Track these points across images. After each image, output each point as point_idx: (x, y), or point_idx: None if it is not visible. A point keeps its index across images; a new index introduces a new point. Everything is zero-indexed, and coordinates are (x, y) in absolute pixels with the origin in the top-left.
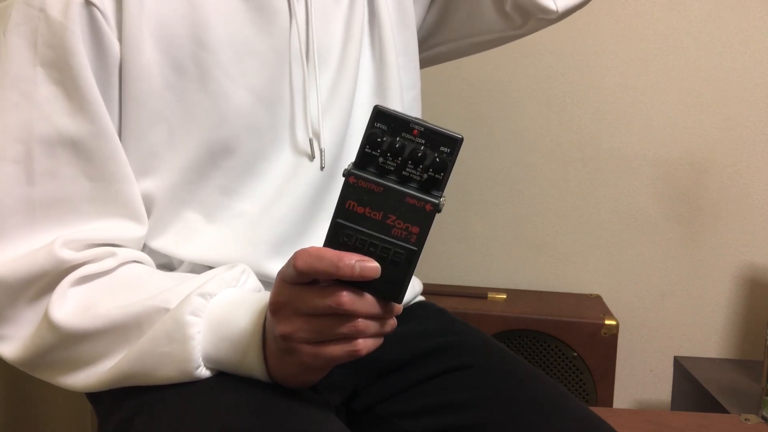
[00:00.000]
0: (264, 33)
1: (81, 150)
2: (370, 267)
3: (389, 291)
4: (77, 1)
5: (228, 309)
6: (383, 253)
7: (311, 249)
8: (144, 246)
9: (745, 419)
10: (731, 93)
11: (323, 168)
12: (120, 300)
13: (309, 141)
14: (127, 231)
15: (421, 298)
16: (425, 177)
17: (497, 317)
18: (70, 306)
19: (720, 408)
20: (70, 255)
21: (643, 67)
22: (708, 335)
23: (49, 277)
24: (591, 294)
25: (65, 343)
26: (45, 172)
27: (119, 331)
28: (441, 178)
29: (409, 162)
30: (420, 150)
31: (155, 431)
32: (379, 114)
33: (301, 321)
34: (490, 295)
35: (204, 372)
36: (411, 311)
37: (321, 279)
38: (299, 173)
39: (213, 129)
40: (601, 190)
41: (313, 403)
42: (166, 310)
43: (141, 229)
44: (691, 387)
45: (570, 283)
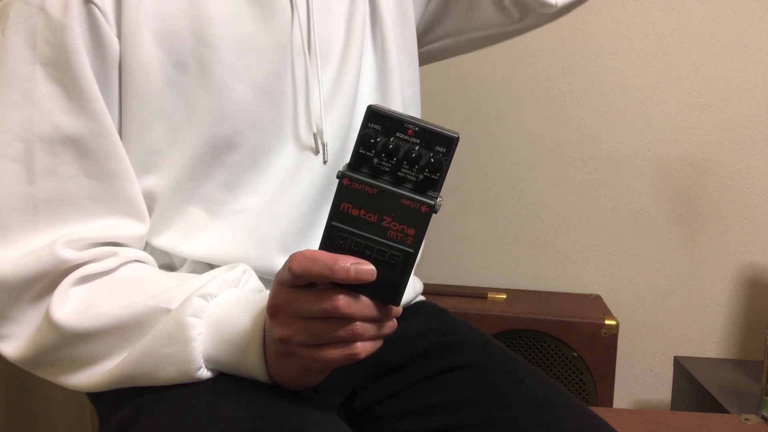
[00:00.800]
0: (265, 27)
1: (81, 148)
2: (365, 270)
3: (387, 293)
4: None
5: (229, 310)
6: (379, 256)
7: (306, 252)
8: (146, 244)
9: (745, 419)
10: (731, 93)
11: (326, 162)
12: (121, 300)
13: (313, 135)
14: (129, 229)
15: (422, 298)
16: (421, 177)
17: (497, 317)
18: (71, 305)
19: (720, 408)
20: (71, 254)
21: (643, 67)
22: (708, 335)
23: (51, 277)
24: (591, 294)
25: (66, 343)
26: (46, 170)
27: (120, 331)
28: (437, 178)
29: (404, 162)
30: (415, 150)
31: None
32: (373, 114)
33: (299, 324)
34: (490, 295)
35: (205, 373)
36: (411, 311)
37: (317, 282)
38: (303, 168)
39: (215, 125)
40: (601, 190)
41: (315, 404)
42: (167, 310)
43: (143, 227)
44: (691, 387)
45: (570, 283)
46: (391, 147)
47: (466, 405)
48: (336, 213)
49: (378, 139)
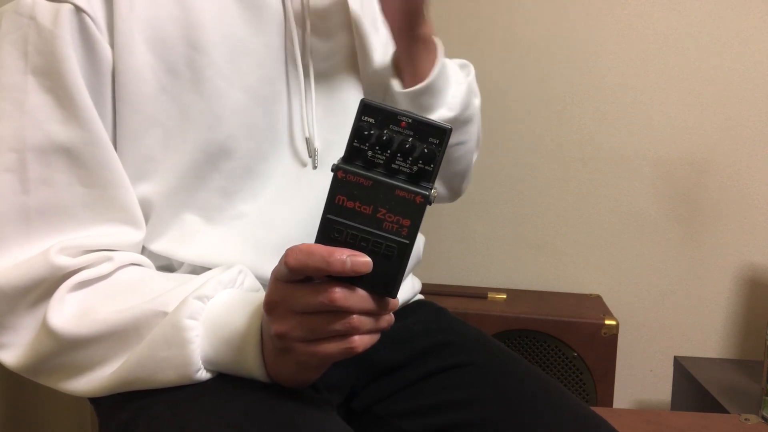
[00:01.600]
0: (258, 31)
1: (74, 157)
2: (361, 262)
3: (383, 285)
4: (67, 8)
5: (225, 311)
6: (375, 248)
7: (302, 245)
8: (143, 249)
9: (745, 419)
10: (731, 93)
11: (315, 168)
12: (117, 304)
13: (305, 141)
14: (125, 236)
15: (421, 297)
16: (415, 169)
17: (497, 317)
18: (67, 312)
19: (720, 408)
20: (66, 261)
21: (643, 67)
22: (708, 335)
23: (47, 284)
24: (591, 294)
25: (64, 349)
26: (39, 180)
27: (117, 336)
28: (431, 169)
29: (398, 154)
30: (408, 142)
31: None
32: (366, 107)
33: (296, 319)
34: (490, 295)
35: (204, 374)
36: (410, 310)
37: (313, 276)
38: (299, 174)
39: (209, 130)
40: (601, 190)
41: (315, 403)
42: (164, 313)
43: (138, 234)
44: (691, 387)
45: (570, 283)
46: (385, 139)
47: (465, 404)
48: (331, 206)
49: (371, 132)
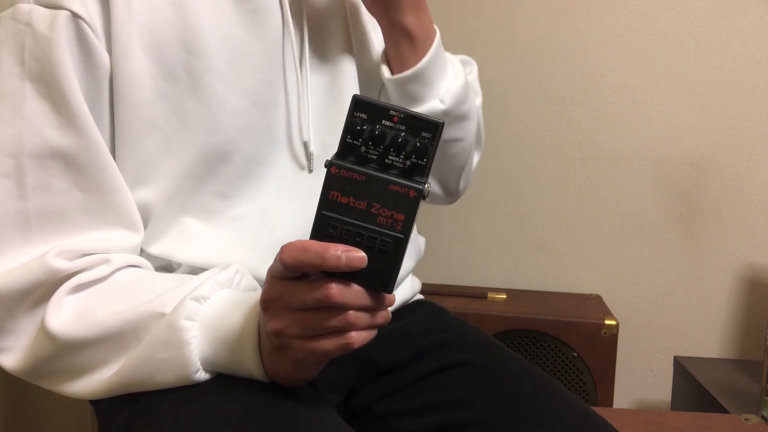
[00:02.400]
0: (256, 35)
1: (72, 162)
2: (356, 257)
3: (379, 280)
4: (64, 15)
5: (222, 311)
6: (370, 243)
7: (297, 242)
8: (141, 251)
9: (745, 419)
10: (731, 93)
11: (311, 171)
12: (115, 306)
13: (303, 144)
14: (123, 240)
15: (420, 297)
16: (408, 164)
17: (497, 317)
18: (65, 315)
19: (720, 408)
20: (63, 264)
21: (643, 67)
22: (708, 335)
23: (45, 288)
24: (591, 294)
25: (63, 352)
26: (37, 185)
27: (116, 338)
28: (424, 163)
29: (391, 149)
30: (401, 136)
31: None
32: (359, 103)
33: (292, 316)
34: (490, 295)
35: (203, 375)
36: (409, 310)
37: (309, 272)
38: (297, 177)
39: (208, 135)
40: (601, 190)
41: (315, 402)
42: (161, 314)
43: (136, 237)
44: (691, 387)
45: (570, 283)
46: (378, 134)
47: (464, 403)
48: (325, 202)
49: (364, 127)
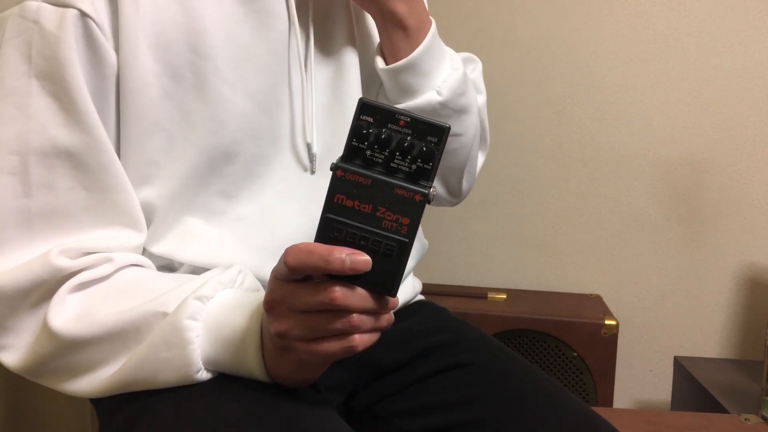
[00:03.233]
0: (262, 37)
1: (76, 161)
2: (360, 260)
3: (383, 284)
4: (72, 13)
5: (225, 311)
6: (374, 246)
7: (301, 245)
8: (144, 251)
9: (745, 419)
10: (731, 93)
11: (313, 173)
12: (117, 305)
13: (306, 146)
14: (126, 239)
15: (421, 297)
16: (413, 168)
17: (497, 317)
18: (68, 313)
19: (720, 408)
20: (66, 263)
21: (643, 67)
22: (708, 335)
23: (47, 286)
24: (591, 294)
25: (65, 351)
26: (41, 183)
27: (117, 337)
28: (429, 168)
29: (397, 153)
30: (407, 140)
31: None
32: (365, 106)
33: (296, 318)
34: (490, 295)
35: (204, 375)
36: (410, 310)
37: (313, 274)
38: (300, 178)
39: (212, 136)
40: (601, 190)
41: (316, 403)
42: (163, 314)
43: (139, 237)
44: (691, 387)
45: (570, 283)
46: (383, 138)
47: (465, 403)
48: (330, 205)
49: (370, 131)
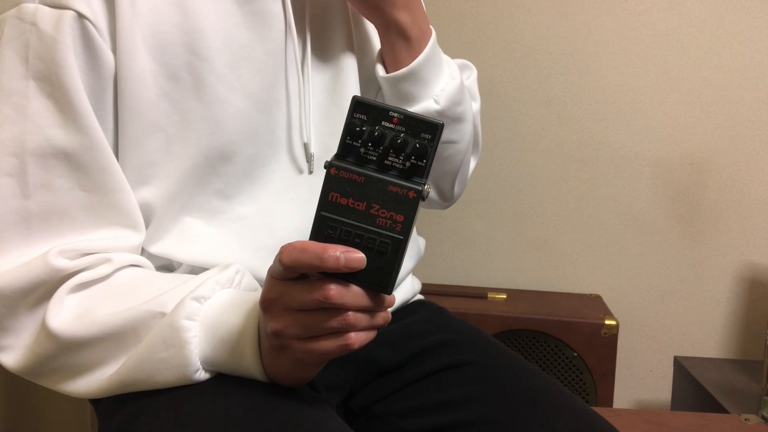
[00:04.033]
0: (259, 37)
1: (74, 162)
2: (355, 258)
3: (378, 282)
4: (69, 15)
5: (222, 311)
6: (369, 244)
7: (296, 243)
8: (142, 251)
9: (745, 419)
10: (731, 93)
11: (311, 173)
12: (116, 306)
13: (304, 146)
14: (124, 240)
15: (420, 297)
16: (407, 165)
17: (497, 317)
18: (66, 314)
19: (720, 408)
20: (65, 264)
21: (643, 67)
22: (708, 335)
23: (46, 287)
24: (591, 294)
25: (63, 351)
26: (39, 184)
27: (116, 338)
28: (423, 165)
29: (391, 150)
30: (400, 138)
31: None
32: (358, 104)
33: (291, 317)
34: (490, 295)
35: (203, 375)
36: (409, 310)
37: (308, 272)
38: (298, 178)
39: (210, 136)
40: (601, 190)
41: (315, 403)
42: (161, 314)
43: (138, 237)
44: (691, 387)
45: (570, 283)
46: (377, 135)
47: (464, 403)
48: (324, 203)
49: (363, 128)
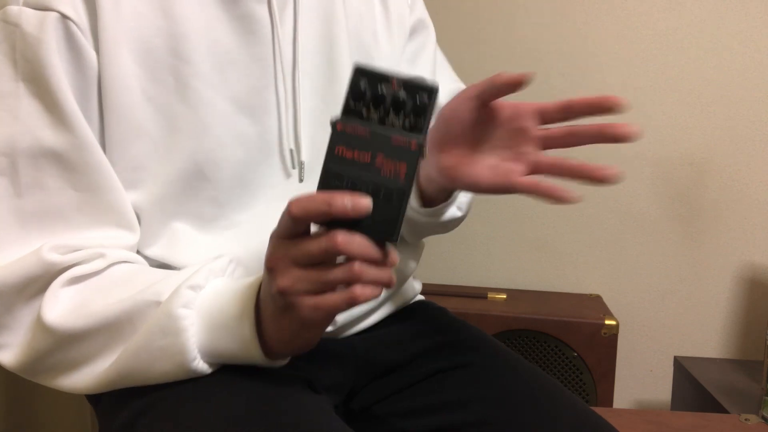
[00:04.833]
0: (245, 42)
1: (65, 162)
2: (361, 202)
3: (384, 230)
4: (52, 16)
5: (218, 298)
6: (374, 193)
7: (303, 195)
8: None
9: (745, 419)
10: (731, 93)
11: (301, 181)
12: (111, 297)
13: (290, 152)
14: (119, 240)
15: (421, 297)
16: (407, 123)
17: (497, 317)
18: (61, 307)
19: (720, 408)
20: (58, 258)
21: (643, 67)
22: (708, 335)
23: (41, 282)
24: (591, 294)
25: (60, 345)
26: (31, 184)
27: (112, 328)
28: (422, 122)
29: (391, 110)
30: (399, 99)
31: None
32: (359, 70)
33: (298, 273)
34: (490, 295)
35: (201, 365)
36: (410, 311)
37: (316, 221)
38: (290, 185)
39: (197, 140)
40: (601, 190)
41: (315, 403)
42: (157, 303)
43: (133, 237)
44: (691, 387)
45: (570, 283)
46: (378, 97)
47: (464, 404)
48: (331, 156)
49: (365, 91)
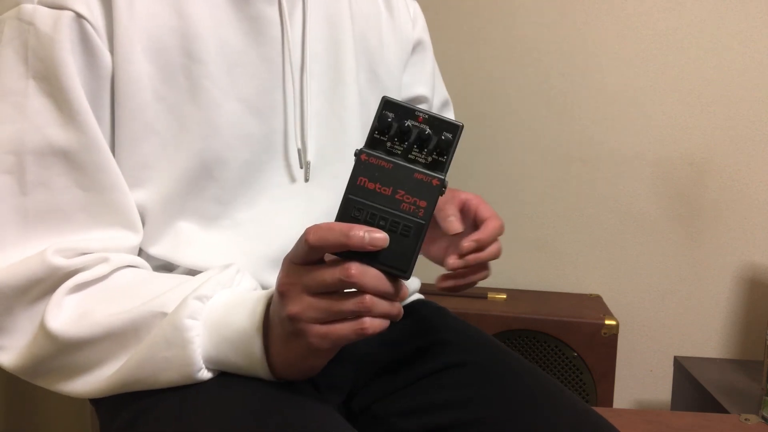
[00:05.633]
0: (255, 43)
1: (72, 160)
2: (378, 237)
3: (398, 266)
4: (67, 15)
5: (226, 310)
6: (393, 227)
7: (322, 224)
8: (141, 251)
9: (745, 419)
10: (731, 93)
11: (307, 181)
12: (116, 306)
13: (298, 152)
14: (122, 240)
15: (420, 296)
16: (430, 160)
17: (497, 317)
18: (66, 314)
19: (720, 408)
20: (62, 262)
21: (643, 67)
22: (708, 335)
23: (44, 285)
24: (591, 294)
25: (63, 352)
26: (38, 182)
27: (116, 338)
28: (444, 160)
29: (415, 146)
30: (424, 135)
31: None
32: (387, 103)
33: (309, 300)
34: (490, 295)
35: (206, 374)
36: (410, 310)
37: (332, 251)
38: (295, 185)
39: (205, 140)
40: (601, 190)
41: (318, 404)
42: (162, 314)
43: (136, 238)
44: (691, 387)
45: (570, 283)
46: (403, 131)
47: (464, 403)
48: (353, 186)
49: (391, 125)
